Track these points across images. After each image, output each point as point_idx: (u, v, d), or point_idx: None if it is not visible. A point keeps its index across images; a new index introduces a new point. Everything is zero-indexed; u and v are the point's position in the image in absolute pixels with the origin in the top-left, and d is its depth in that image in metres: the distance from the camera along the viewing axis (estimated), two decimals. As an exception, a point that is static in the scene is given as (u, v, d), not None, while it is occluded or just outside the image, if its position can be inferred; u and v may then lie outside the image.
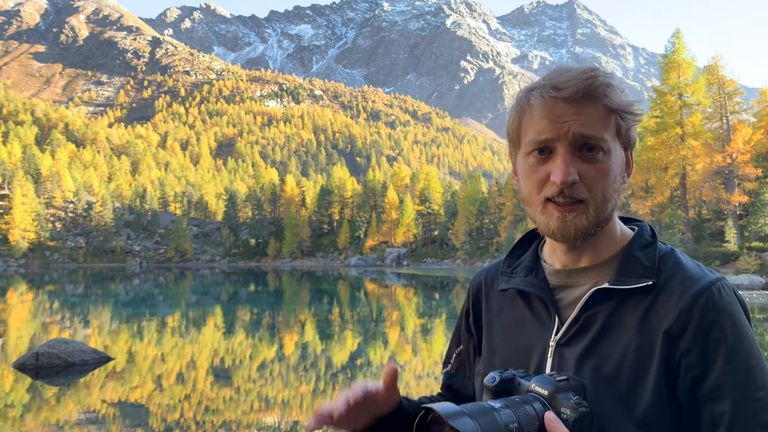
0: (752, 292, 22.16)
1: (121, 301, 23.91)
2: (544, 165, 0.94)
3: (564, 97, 0.91)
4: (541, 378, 0.86)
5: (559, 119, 0.91)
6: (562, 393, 0.83)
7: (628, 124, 0.95)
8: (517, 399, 0.83)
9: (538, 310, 1.02)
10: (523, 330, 1.03)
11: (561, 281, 1.01)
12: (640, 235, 1.00)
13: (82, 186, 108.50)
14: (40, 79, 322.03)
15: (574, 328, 0.95)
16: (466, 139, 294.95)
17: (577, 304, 0.97)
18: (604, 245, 0.99)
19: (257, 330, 13.93)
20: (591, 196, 0.92)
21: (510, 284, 1.07)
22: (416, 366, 9.60)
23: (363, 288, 32.22)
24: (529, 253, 1.09)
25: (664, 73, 37.16)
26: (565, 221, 0.93)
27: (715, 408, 0.86)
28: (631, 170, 1.00)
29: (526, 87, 0.98)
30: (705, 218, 40.31)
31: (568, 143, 0.91)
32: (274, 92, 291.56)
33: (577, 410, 0.82)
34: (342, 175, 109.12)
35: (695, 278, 0.92)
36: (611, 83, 0.93)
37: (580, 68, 0.94)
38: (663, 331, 0.89)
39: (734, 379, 0.85)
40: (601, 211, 0.93)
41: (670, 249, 0.99)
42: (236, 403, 7.00)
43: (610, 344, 0.92)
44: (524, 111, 0.96)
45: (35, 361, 8.64)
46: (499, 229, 70.91)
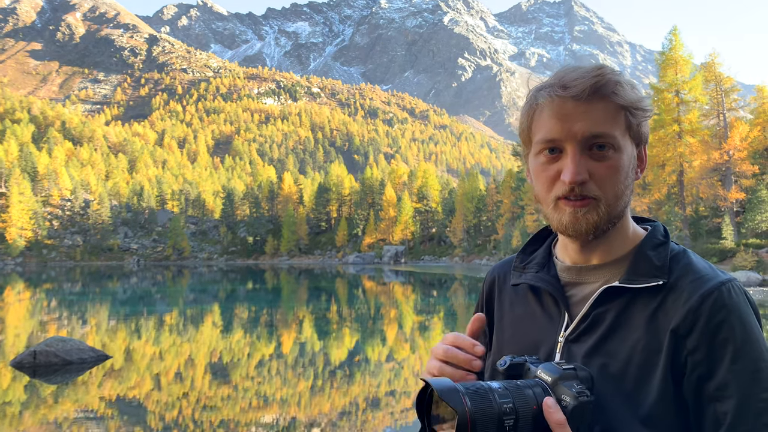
0: (749, 289, 22.17)
1: (119, 299, 23.88)
2: (554, 164, 0.95)
3: (572, 96, 0.92)
4: (548, 365, 0.87)
5: (568, 118, 0.92)
6: (566, 381, 0.84)
7: (638, 120, 0.95)
8: (519, 383, 0.84)
9: (549, 305, 1.02)
10: (533, 325, 1.03)
11: (572, 278, 1.02)
12: (653, 234, 1.01)
13: (79, 184, 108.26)
14: (37, 77, 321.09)
15: (583, 324, 0.96)
16: (464, 137, 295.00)
17: (587, 301, 0.97)
18: (617, 244, 1.00)
19: (255, 328, 13.94)
20: (602, 193, 0.93)
21: (522, 279, 1.07)
22: (414, 363, 9.61)
23: (361, 286, 32.22)
24: (542, 250, 1.10)
25: (661, 70, 37.18)
26: (577, 216, 0.93)
27: (719, 407, 0.86)
28: (644, 166, 1.01)
29: (535, 87, 0.98)
30: (702, 215, 40.39)
31: (577, 142, 0.92)
32: (272, 90, 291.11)
33: (578, 399, 0.82)
34: (340, 173, 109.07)
35: (706, 278, 0.92)
36: (619, 80, 0.93)
37: (588, 66, 0.94)
38: (671, 329, 0.89)
39: (740, 379, 0.86)
40: (612, 207, 0.94)
41: (682, 249, 0.99)
42: (234, 400, 7.00)
43: (618, 342, 0.92)
44: (534, 111, 0.97)
45: (33, 359, 8.63)
46: (496, 226, 70.94)
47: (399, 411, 6.65)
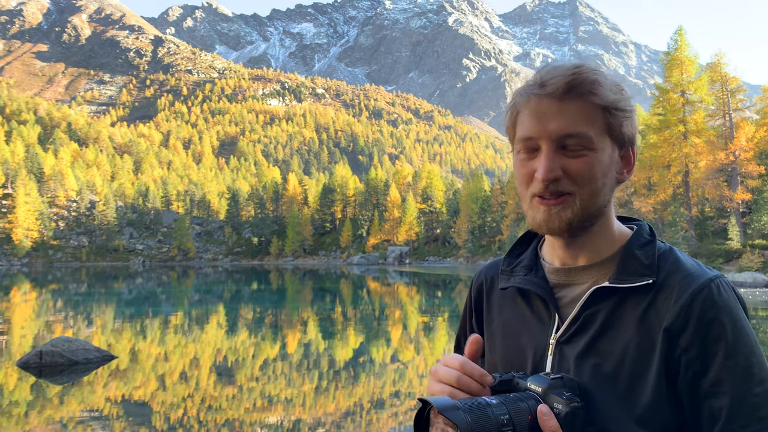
0: (755, 290, 22.09)
1: (124, 299, 23.94)
2: (531, 162, 0.95)
3: (547, 94, 0.92)
4: (536, 377, 0.89)
5: (543, 117, 0.92)
6: (555, 390, 0.87)
7: (619, 121, 0.94)
8: (512, 396, 0.86)
9: (538, 308, 1.02)
10: (523, 328, 1.03)
11: (561, 279, 1.02)
12: (638, 233, 1.01)
13: (85, 185, 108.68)
14: (43, 79, 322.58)
15: (574, 326, 0.96)
16: (469, 137, 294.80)
17: (577, 302, 0.97)
18: (603, 244, 1.00)
19: (260, 328, 13.96)
20: (577, 189, 0.93)
21: (510, 283, 1.07)
22: (419, 364, 9.61)
23: (365, 286, 32.22)
24: (528, 252, 1.10)
25: (666, 70, 37.08)
26: (550, 214, 0.94)
27: (714, 403, 0.87)
28: (631, 167, 0.99)
29: (522, 85, 0.99)
30: (708, 216, 40.24)
31: (552, 141, 0.92)
32: (276, 91, 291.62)
33: (569, 405, 0.85)
34: (344, 174, 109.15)
35: (695, 276, 0.93)
36: (598, 79, 0.92)
37: (567, 65, 0.94)
38: (663, 328, 0.90)
39: (733, 375, 0.87)
40: (587, 204, 0.94)
41: (668, 247, 1.00)
42: (239, 401, 7.02)
43: (610, 342, 0.93)
44: (516, 109, 0.97)
45: (39, 359, 8.67)
46: (501, 227, 70.85)
47: (403, 412, 6.65)
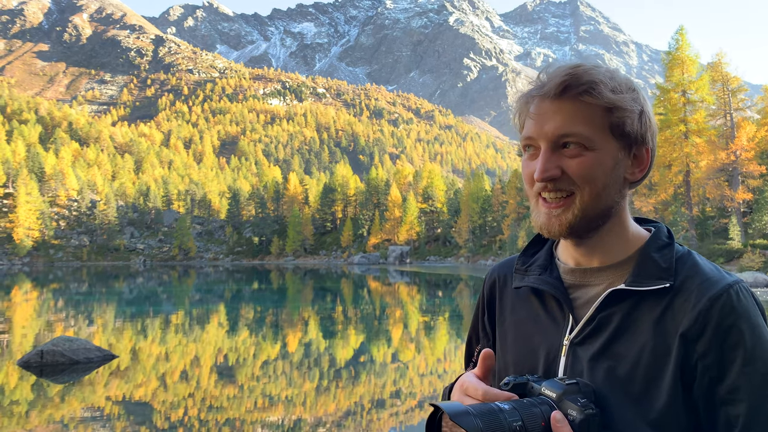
0: (756, 290, 22.10)
1: (125, 299, 23.96)
2: (533, 161, 0.95)
3: (544, 95, 0.92)
4: (551, 382, 0.88)
5: (542, 117, 0.92)
6: (570, 396, 0.85)
7: (621, 119, 0.92)
8: (525, 401, 0.85)
9: (552, 308, 1.01)
10: (537, 328, 1.02)
11: (576, 280, 1.01)
12: (656, 236, 1.00)
13: (85, 184, 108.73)
14: (44, 78, 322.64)
15: (588, 327, 0.95)
16: (469, 137, 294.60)
17: (593, 304, 0.96)
18: (616, 245, 0.99)
19: (261, 328, 13.96)
20: (577, 189, 0.92)
21: (524, 282, 1.06)
22: (419, 364, 9.61)
23: (366, 286, 32.22)
24: (543, 251, 1.09)
25: (667, 70, 37.05)
26: (550, 217, 0.94)
27: (731, 410, 0.86)
28: (645, 167, 0.98)
29: (528, 87, 0.98)
30: (709, 215, 40.20)
31: (548, 141, 0.92)
32: (277, 90, 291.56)
33: (584, 412, 0.83)
34: (345, 173, 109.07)
35: (713, 281, 0.91)
36: (596, 79, 0.91)
37: (566, 65, 0.93)
38: (680, 333, 0.89)
39: (751, 382, 0.85)
40: (588, 205, 0.93)
41: (687, 251, 0.98)
42: (240, 400, 7.02)
43: (625, 345, 0.92)
44: (521, 110, 0.98)
45: (40, 358, 8.68)
46: (502, 226, 70.82)
47: (404, 411, 6.65)
